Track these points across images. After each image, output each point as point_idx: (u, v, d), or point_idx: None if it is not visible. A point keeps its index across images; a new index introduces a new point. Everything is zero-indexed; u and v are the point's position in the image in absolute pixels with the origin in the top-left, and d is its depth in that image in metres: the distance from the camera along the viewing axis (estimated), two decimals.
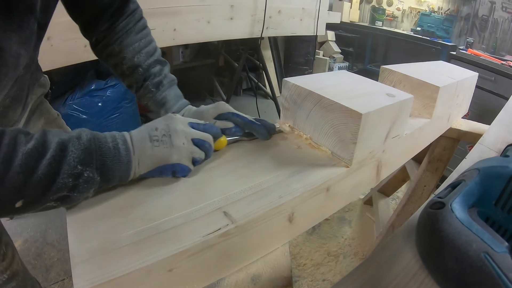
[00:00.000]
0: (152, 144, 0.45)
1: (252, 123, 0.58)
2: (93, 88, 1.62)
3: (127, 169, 0.43)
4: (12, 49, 0.42)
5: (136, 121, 1.84)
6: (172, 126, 0.47)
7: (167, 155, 0.45)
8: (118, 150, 0.42)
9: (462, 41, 3.56)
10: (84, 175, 0.38)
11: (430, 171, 1.19)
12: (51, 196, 0.36)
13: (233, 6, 1.89)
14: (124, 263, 0.34)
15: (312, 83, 0.60)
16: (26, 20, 0.43)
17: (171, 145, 0.45)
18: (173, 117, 0.48)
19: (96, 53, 0.64)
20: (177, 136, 0.46)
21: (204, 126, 0.51)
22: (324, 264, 1.43)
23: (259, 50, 2.33)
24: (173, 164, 0.45)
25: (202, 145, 0.49)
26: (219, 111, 0.58)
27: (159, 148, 0.45)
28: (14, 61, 0.43)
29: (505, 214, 0.48)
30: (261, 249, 0.48)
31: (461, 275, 0.40)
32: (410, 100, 0.63)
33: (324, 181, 0.51)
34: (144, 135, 0.45)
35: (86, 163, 0.38)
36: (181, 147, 0.46)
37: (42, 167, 0.35)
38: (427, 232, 0.47)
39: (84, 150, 0.39)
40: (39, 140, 0.36)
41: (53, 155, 0.36)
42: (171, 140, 0.45)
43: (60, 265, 1.32)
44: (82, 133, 0.41)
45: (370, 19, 4.45)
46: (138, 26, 0.62)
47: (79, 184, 0.38)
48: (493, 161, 0.55)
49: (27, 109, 0.63)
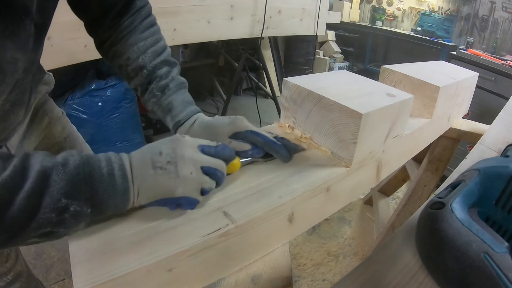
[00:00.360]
0: (155, 172, 0.39)
1: (273, 143, 0.52)
2: (93, 88, 1.62)
3: (124, 199, 0.37)
4: (7, 55, 0.38)
5: (136, 121, 1.84)
6: (179, 152, 0.40)
7: (171, 187, 0.39)
8: (113, 177, 0.36)
9: (462, 41, 3.55)
10: (70, 209, 0.33)
11: (430, 171, 1.19)
12: (32, 233, 0.32)
13: (233, 6, 1.89)
14: (124, 263, 0.34)
15: (312, 83, 0.60)
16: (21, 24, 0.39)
17: (177, 175, 0.39)
18: (180, 139, 0.42)
19: (102, 54, 0.60)
20: (184, 164, 0.40)
21: (216, 149, 0.45)
22: (324, 264, 1.43)
23: (259, 50, 2.33)
24: (178, 198, 0.40)
25: (213, 173, 0.43)
26: (236, 129, 0.51)
27: (163, 178, 0.39)
28: (11, 67, 0.40)
29: (505, 214, 0.48)
30: (261, 249, 0.48)
31: (461, 275, 0.40)
32: (410, 100, 0.63)
33: (324, 181, 0.51)
34: (146, 160, 0.39)
35: (73, 195, 0.33)
36: (188, 177, 0.40)
37: (19, 200, 0.30)
38: (427, 232, 0.47)
39: (70, 181, 0.33)
40: (18, 168, 0.32)
41: (32, 187, 0.31)
42: (176, 169, 0.39)
43: (60, 265, 1.32)
44: (70, 158, 0.35)
45: (370, 19, 4.45)
46: (144, 23, 0.57)
47: (65, 219, 0.33)
48: (493, 161, 0.55)
49: (30, 110, 0.61)
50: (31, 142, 0.64)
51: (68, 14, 0.56)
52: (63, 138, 0.70)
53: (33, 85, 0.56)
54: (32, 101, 0.60)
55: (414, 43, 3.74)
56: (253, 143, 0.52)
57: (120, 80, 1.68)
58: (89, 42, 0.63)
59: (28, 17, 0.40)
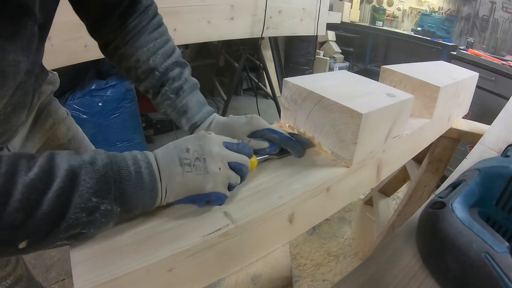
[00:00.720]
0: (183, 169, 0.38)
1: (288, 139, 0.54)
2: (93, 88, 1.62)
3: (152, 197, 0.37)
4: (9, 57, 0.37)
5: (136, 121, 1.84)
6: (207, 148, 0.40)
7: (201, 184, 0.39)
8: (140, 175, 0.36)
9: (463, 41, 3.56)
10: (101, 208, 0.33)
11: (430, 171, 1.19)
12: (62, 234, 0.31)
13: (233, 6, 1.89)
14: (124, 263, 0.34)
15: (313, 83, 0.60)
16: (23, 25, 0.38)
17: (206, 171, 0.39)
18: (206, 136, 0.42)
19: (107, 56, 0.59)
20: (213, 160, 0.40)
21: (238, 146, 0.45)
22: (324, 264, 1.43)
23: (260, 50, 2.32)
24: (208, 193, 0.39)
25: (239, 169, 0.43)
26: (254, 128, 0.52)
27: (192, 175, 0.38)
28: (13, 69, 0.39)
29: (505, 214, 0.48)
30: (261, 249, 0.48)
31: (462, 275, 0.40)
32: (410, 100, 0.62)
33: (324, 181, 0.51)
34: (173, 158, 0.39)
35: (103, 194, 0.33)
36: (217, 173, 0.40)
37: (48, 201, 0.29)
38: (427, 232, 0.47)
39: (100, 179, 0.33)
40: (44, 167, 0.31)
41: (61, 186, 0.30)
42: (205, 165, 0.39)
43: (60, 265, 1.32)
44: (97, 156, 0.35)
45: (371, 19, 4.45)
46: (152, 24, 0.56)
47: (96, 219, 0.33)
48: (494, 161, 0.55)
49: (33, 111, 0.60)
50: (34, 144, 0.63)
51: (68, 14, 0.56)
52: (67, 139, 0.69)
53: (36, 87, 0.55)
54: (35, 102, 0.59)
55: (414, 43, 3.74)
56: (270, 140, 0.53)
57: (120, 80, 1.68)
58: (89, 42, 0.63)
59: (31, 18, 0.39)
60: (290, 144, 0.54)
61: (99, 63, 1.74)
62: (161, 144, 1.18)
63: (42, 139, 0.64)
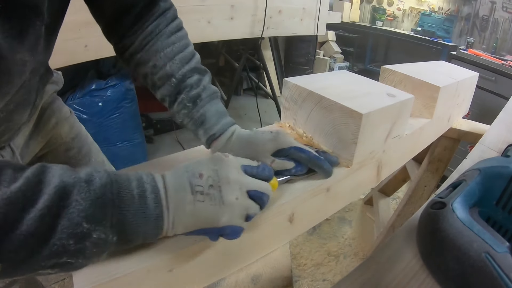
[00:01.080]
0: (194, 197, 0.33)
1: (317, 159, 0.49)
2: (93, 88, 1.62)
3: (156, 227, 0.32)
4: (16, 57, 0.36)
5: (136, 121, 1.84)
6: (223, 174, 0.35)
7: (215, 216, 0.34)
8: (144, 200, 0.31)
9: (463, 41, 3.55)
10: (93, 236, 0.28)
11: (430, 171, 1.19)
12: (43, 262, 0.27)
13: (233, 6, 1.89)
14: (124, 263, 0.34)
15: (313, 83, 0.60)
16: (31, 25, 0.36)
17: (221, 201, 0.34)
18: (223, 159, 0.37)
19: (124, 63, 0.55)
20: (230, 188, 0.35)
21: (258, 170, 0.39)
22: (325, 264, 1.43)
23: (260, 50, 2.33)
24: (222, 227, 0.35)
25: (259, 198, 0.37)
26: (279, 146, 0.46)
27: (204, 205, 0.34)
28: (19, 69, 0.38)
29: (506, 214, 0.48)
30: (261, 249, 0.48)
31: (462, 275, 0.40)
32: (410, 100, 0.62)
33: (325, 181, 0.51)
34: (184, 183, 0.34)
35: (97, 219, 0.28)
36: (234, 204, 0.35)
37: (29, 221, 0.25)
38: (428, 232, 0.47)
39: (95, 201, 0.28)
40: (31, 180, 0.26)
41: (47, 205, 0.26)
42: (221, 194, 0.34)
43: None
44: (95, 175, 0.30)
45: (371, 19, 4.45)
46: (170, 27, 0.52)
47: (85, 248, 0.28)
48: (494, 161, 0.55)
49: (36, 111, 0.59)
50: (37, 143, 0.63)
51: (68, 14, 0.55)
52: (70, 138, 0.69)
53: (40, 86, 0.53)
54: (38, 102, 0.57)
55: (415, 43, 3.75)
56: (296, 160, 0.48)
57: (120, 80, 1.68)
58: (89, 42, 0.63)
59: (39, 18, 0.37)
60: (319, 165, 0.49)
61: (99, 63, 1.74)
62: (161, 144, 1.18)
63: (46, 138, 0.64)
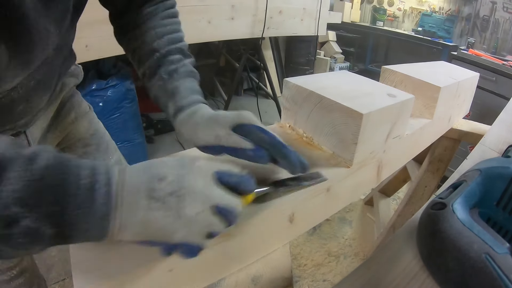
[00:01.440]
0: (149, 203, 0.28)
1: (282, 146, 0.41)
2: (94, 88, 1.62)
3: (101, 227, 0.27)
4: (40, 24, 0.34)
5: (137, 121, 1.85)
6: (188, 182, 0.30)
7: (167, 229, 0.29)
8: (92, 193, 0.26)
9: (463, 41, 3.55)
10: (21, 223, 0.23)
11: (431, 171, 1.18)
12: None
13: (234, 6, 1.89)
14: (124, 263, 0.34)
15: (313, 83, 0.60)
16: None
17: (178, 215, 0.29)
18: (193, 164, 0.32)
19: (118, 39, 0.56)
20: (191, 200, 0.30)
21: (237, 180, 0.34)
22: (325, 265, 1.43)
23: (260, 50, 2.33)
24: (175, 244, 0.30)
25: (226, 215, 0.32)
26: (240, 120, 0.41)
27: (158, 214, 0.28)
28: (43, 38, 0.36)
29: (506, 215, 0.48)
30: (262, 249, 0.48)
31: (462, 276, 0.40)
32: (411, 101, 0.62)
33: (325, 181, 0.51)
34: (139, 185, 0.29)
35: (29, 205, 0.24)
36: (192, 219, 0.29)
37: None
38: (428, 232, 0.47)
39: (32, 183, 0.24)
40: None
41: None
42: (179, 205, 0.29)
43: (60, 265, 1.32)
44: (41, 154, 0.26)
45: (371, 19, 4.45)
46: (166, 13, 0.54)
47: (11, 236, 0.24)
48: (495, 162, 0.55)
49: (56, 99, 0.59)
50: (55, 137, 0.63)
51: None
52: (89, 134, 0.69)
53: (62, 70, 0.54)
54: (59, 89, 0.58)
55: (415, 43, 3.75)
56: (257, 142, 0.40)
57: (121, 80, 1.69)
58: (89, 42, 0.63)
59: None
60: (283, 153, 0.40)
61: (99, 63, 1.74)
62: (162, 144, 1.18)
63: (64, 132, 0.65)
